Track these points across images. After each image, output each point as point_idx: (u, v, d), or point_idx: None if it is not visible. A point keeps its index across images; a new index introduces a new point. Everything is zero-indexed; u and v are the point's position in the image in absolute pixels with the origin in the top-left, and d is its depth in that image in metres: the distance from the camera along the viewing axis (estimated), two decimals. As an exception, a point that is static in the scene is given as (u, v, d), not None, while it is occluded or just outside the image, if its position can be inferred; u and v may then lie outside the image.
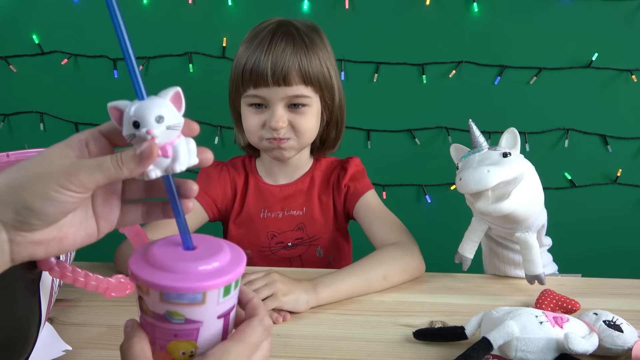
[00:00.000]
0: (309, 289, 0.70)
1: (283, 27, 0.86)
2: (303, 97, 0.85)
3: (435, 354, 0.61)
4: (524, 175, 0.71)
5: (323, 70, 0.87)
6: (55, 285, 0.58)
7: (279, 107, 0.85)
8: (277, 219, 0.96)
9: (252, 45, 0.85)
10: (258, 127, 0.87)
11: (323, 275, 0.74)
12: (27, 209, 0.35)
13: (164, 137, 0.36)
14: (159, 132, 0.36)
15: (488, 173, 0.69)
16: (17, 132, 1.49)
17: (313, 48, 0.85)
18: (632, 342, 0.56)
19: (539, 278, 0.75)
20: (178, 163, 0.37)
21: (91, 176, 0.36)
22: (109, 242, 1.07)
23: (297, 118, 0.86)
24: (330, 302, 0.71)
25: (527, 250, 0.76)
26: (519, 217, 0.73)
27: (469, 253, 0.81)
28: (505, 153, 0.73)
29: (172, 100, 0.37)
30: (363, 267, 0.76)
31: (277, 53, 0.82)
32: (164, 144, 0.37)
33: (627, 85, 1.39)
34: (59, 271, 0.49)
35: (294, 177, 0.98)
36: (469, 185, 0.70)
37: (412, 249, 0.82)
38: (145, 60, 1.42)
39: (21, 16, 1.41)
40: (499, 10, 1.36)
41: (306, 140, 0.90)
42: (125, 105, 0.37)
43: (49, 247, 0.38)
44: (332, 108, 0.92)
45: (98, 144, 0.39)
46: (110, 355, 0.60)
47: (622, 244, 1.50)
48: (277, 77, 0.82)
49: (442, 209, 1.49)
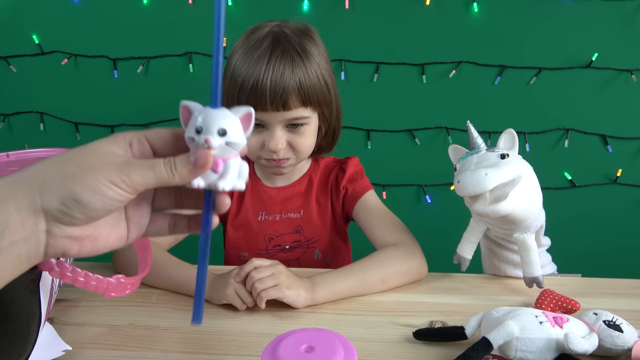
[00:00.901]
0: (308, 287, 0.70)
1: (280, 46, 0.82)
2: (302, 118, 0.83)
3: (435, 354, 0.61)
4: (522, 176, 0.71)
5: (321, 85, 0.84)
6: (55, 285, 0.58)
7: (277, 129, 0.82)
8: (275, 222, 0.95)
9: (250, 60, 0.81)
10: (257, 148, 0.85)
11: (321, 274, 0.74)
12: (74, 200, 0.34)
13: (220, 151, 0.36)
14: (217, 144, 0.36)
15: (486, 176, 0.69)
16: (17, 132, 1.49)
17: (310, 62, 0.83)
18: (632, 342, 0.56)
19: (537, 281, 0.75)
20: (224, 181, 0.37)
21: (143, 177, 0.35)
22: (109, 242, 1.07)
23: (296, 138, 0.84)
24: (326, 302, 0.72)
25: (525, 251, 0.75)
26: (517, 218, 0.73)
27: (467, 254, 0.81)
28: (503, 155, 0.73)
29: (241, 119, 0.38)
30: (362, 268, 0.76)
31: (275, 77, 0.79)
32: (218, 159, 0.37)
33: (627, 85, 1.39)
34: (59, 271, 0.49)
35: (292, 180, 0.97)
36: (467, 189, 0.70)
37: (414, 251, 0.82)
38: (145, 60, 1.42)
39: (21, 16, 1.41)
40: (499, 10, 1.36)
41: (304, 156, 0.89)
42: (195, 108, 0.37)
43: (82, 245, 0.37)
44: (330, 120, 0.91)
45: (140, 147, 0.38)
46: (110, 355, 0.60)
47: (622, 243, 1.50)
48: (277, 103, 0.80)
49: (442, 209, 1.49)
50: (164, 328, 0.66)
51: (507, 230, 0.77)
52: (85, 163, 0.35)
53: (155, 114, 1.45)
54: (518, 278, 0.82)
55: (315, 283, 0.71)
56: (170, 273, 0.75)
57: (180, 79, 1.43)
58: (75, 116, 1.47)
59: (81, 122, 1.47)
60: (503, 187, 0.70)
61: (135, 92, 1.45)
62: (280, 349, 0.44)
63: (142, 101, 1.45)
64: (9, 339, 0.47)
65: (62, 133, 1.48)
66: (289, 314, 0.70)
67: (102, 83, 1.44)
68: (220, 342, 0.62)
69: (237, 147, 0.37)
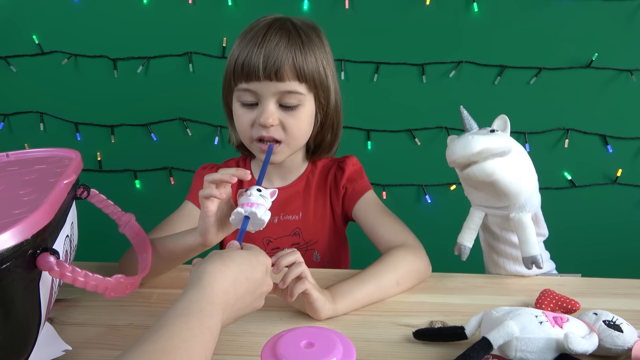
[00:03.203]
0: (329, 298, 0.69)
1: (279, 22, 0.83)
2: (296, 93, 0.81)
3: (435, 354, 0.61)
4: (511, 149, 0.72)
5: (319, 68, 0.83)
6: (55, 285, 0.58)
7: (270, 103, 0.80)
8: (273, 224, 0.94)
9: (245, 39, 0.82)
10: (248, 126, 0.83)
11: (338, 285, 0.72)
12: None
13: (255, 198, 0.66)
14: (255, 196, 0.66)
15: (472, 139, 0.71)
16: (17, 132, 1.49)
17: (309, 45, 0.82)
18: (632, 342, 0.56)
19: (535, 260, 0.75)
20: (252, 214, 0.65)
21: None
22: (109, 242, 1.08)
23: (288, 118, 0.82)
24: (346, 312, 0.70)
25: (522, 230, 0.76)
26: (509, 190, 0.73)
27: (467, 241, 0.82)
28: (493, 130, 0.75)
29: (271, 195, 0.68)
30: (376, 273, 0.75)
31: (270, 46, 0.79)
32: (249, 202, 0.65)
33: (627, 85, 1.39)
34: (59, 271, 0.49)
35: (290, 180, 0.95)
36: (455, 152, 0.72)
37: (420, 251, 0.81)
38: (146, 60, 1.42)
39: (21, 16, 1.41)
40: (499, 10, 1.36)
41: (298, 142, 0.86)
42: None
43: None
44: (327, 109, 0.88)
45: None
46: (110, 355, 0.60)
47: (622, 244, 1.50)
48: (269, 71, 0.78)
49: (442, 209, 1.49)
50: (164, 328, 0.66)
51: (503, 210, 0.77)
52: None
53: (155, 114, 1.45)
54: (517, 276, 0.83)
55: (335, 294, 0.70)
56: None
57: (180, 79, 1.43)
58: (75, 116, 1.47)
59: (81, 122, 1.47)
60: (492, 158, 0.71)
61: (135, 92, 1.44)
62: (280, 345, 0.46)
63: (142, 101, 1.45)
64: (9, 339, 0.47)
65: (62, 133, 1.48)
66: (289, 314, 0.70)
67: (102, 83, 1.44)
68: (220, 341, 0.62)
69: (260, 204, 0.66)
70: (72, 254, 0.67)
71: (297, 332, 0.48)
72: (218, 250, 0.57)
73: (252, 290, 0.55)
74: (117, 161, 1.50)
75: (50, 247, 0.50)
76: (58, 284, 0.62)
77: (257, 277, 0.55)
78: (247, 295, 0.54)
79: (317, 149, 0.94)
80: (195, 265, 0.54)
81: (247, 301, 0.55)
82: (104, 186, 0.85)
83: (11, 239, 0.44)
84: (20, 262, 0.46)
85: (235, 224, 0.66)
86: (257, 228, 0.66)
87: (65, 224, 0.60)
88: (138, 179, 1.51)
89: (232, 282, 0.52)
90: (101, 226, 1.01)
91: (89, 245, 0.98)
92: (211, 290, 0.49)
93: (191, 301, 0.48)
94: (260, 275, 0.56)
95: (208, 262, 0.53)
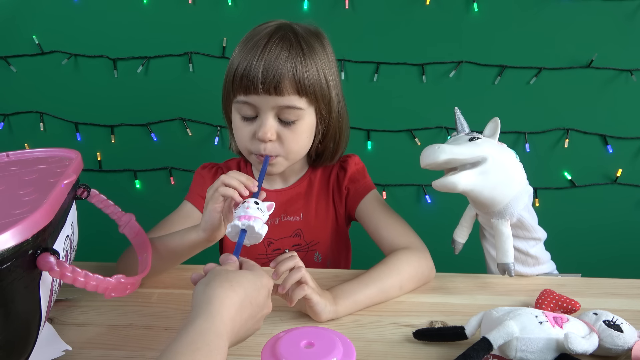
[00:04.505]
0: (331, 300, 0.69)
1: (281, 31, 0.80)
2: (295, 109, 0.79)
3: (435, 354, 0.61)
4: (486, 159, 0.73)
5: (320, 80, 0.80)
6: (55, 285, 0.58)
7: (269, 117, 0.79)
8: (274, 226, 0.93)
9: (246, 48, 0.79)
10: (247, 139, 0.82)
11: (340, 286, 0.72)
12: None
13: (253, 212, 0.63)
14: (253, 209, 0.64)
15: (438, 149, 0.72)
16: (17, 132, 1.49)
17: (311, 55, 0.80)
18: (632, 342, 0.56)
19: (507, 267, 0.77)
20: (249, 227, 0.62)
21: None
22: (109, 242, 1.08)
23: (287, 133, 0.80)
24: (348, 314, 0.70)
25: (497, 237, 0.78)
26: (480, 200, 0.75)
27: (459, 237, 0.86)
28: (473, 138, 0.75)
29: (268, 208, 0.67)
30: (379, 276, 0.75)
31: (270, 58, 0.76)
32: (246, 215, 0.62)
33: (627, 85, 1.39)
34: (59, 271, 0.49)
35: (291, 181, 0.95)
36: (422, 160, 0.75)
37: (425, 254, 0.81)
38: (146, 60, 1.42)
39: (21, 16, 1.41)
40: (499, 10, 1.36)
41: (296, 156, 0.85)
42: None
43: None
44: (329, 120, 0.85)
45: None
46: (110, 355, 0.60)
47: (622, 244, 1.50)
48: (268, 85, 0.76)
49: (442, 209, 1.49)
50: (164, 328, 0.66)
51: (486, 215, 0.79)
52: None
53: (155, 114, 1.45)
54: (517, 276, 0.83)
55: (336, 295, 0.70)
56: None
57: (180, 79, 1.43)
58: (75, 116, 1.47)
59: (81, 122, 1.47)
60: (470, 167, 0.73)
61: (135, 92, 1.44)
62: (280, 345, 0.46)
63: (142, 101, 1.45)
64: (9, 339, 0.47)
65: (62, 133, 1.48)
66: (289, 314, 0.70)
67: (102, 83, 1.44)
68: (220, 342, 0.62)
69: (257, 216, 0.63)
70: (72, 254, 0.67)
71: (297, 332, 0.48)
72: (222, 269, 0.55)
73: (254, 314, 0.54)
74: (117, 161, 1.50)
75: (51, 247, 0.50)
76: (58, 284, 0.62)
77: (260, 302, 0.55)
78: (250, 319, 0.53)
79: (319, 159, 0.93)
80: (200, 285, 0.53)
81: (249, 325, 0.54)
82: (104, 186, 0.85)
83: (11, 239, 0.44)
84: (21, 262, 0.46)
85: (232, 237, 0.63)
86: (253, 242, 0.64)
87: (65, 224, 0.60)
88: (138, 179, 1.51)
89: (238, 308, 0.51)
90: (101, 226, 1.01)
91: (89, 245, 0.97)
92: (220, 320, 0.48)
93: (198, 333, 0.46)
94: (263, 299, 0.55)
95: (216, 284, 0.52)
